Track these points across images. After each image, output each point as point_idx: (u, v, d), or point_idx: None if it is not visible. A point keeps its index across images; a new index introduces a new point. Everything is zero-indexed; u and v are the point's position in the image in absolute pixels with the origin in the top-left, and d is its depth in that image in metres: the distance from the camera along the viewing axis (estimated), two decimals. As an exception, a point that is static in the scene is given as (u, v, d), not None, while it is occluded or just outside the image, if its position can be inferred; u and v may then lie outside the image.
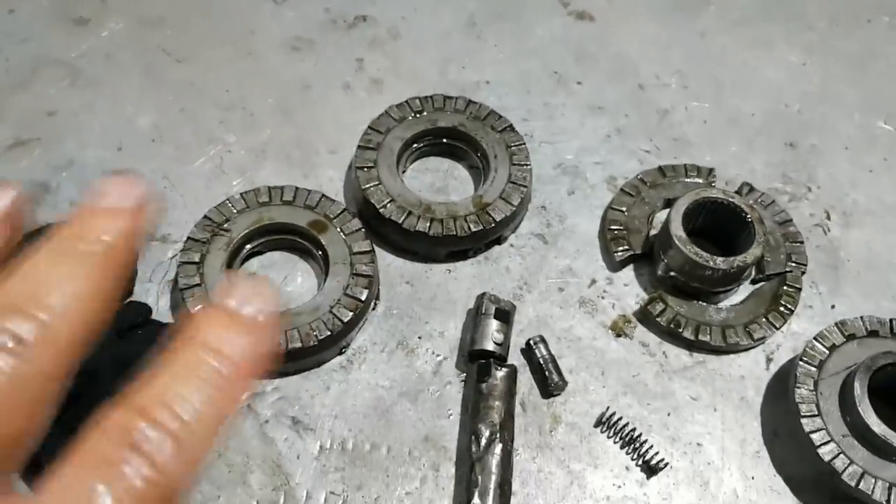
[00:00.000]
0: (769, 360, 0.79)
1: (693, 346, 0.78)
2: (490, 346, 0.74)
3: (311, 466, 0.71)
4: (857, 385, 0.69)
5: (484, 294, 0.77)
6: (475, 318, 0.77)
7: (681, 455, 0.73)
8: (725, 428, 0.75)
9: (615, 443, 0.74)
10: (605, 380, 0.77)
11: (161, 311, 0.77)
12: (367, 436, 0.73)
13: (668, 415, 0.75)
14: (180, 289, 0.74)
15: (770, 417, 0.75)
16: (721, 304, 0.80)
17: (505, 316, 0.76)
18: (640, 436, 0.73)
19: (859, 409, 0.68)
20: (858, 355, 0.73)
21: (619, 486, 0.72)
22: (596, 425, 0.75)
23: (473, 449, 0.70)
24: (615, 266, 0.83)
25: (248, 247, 0.80)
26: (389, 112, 0.87)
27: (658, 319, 0.78)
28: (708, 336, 0.77)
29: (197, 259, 0.75)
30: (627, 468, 0.73)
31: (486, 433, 0.70)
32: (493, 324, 0.75)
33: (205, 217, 0.78)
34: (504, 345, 0.75)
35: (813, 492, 0.71)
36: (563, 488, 0.71)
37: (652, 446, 0.73)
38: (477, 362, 0.75)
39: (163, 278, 0.79)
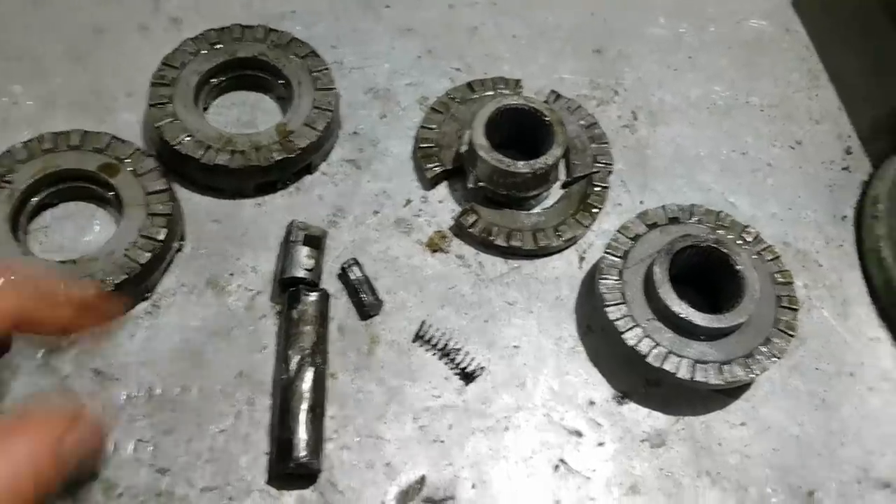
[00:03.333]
0: (582, 258, 0.80)
1: (506, 252, 0.79)
2: (300, 273, 0.73)
3: (116, 417, 0.68)
4: (657, 270, 0.71)
5: (293, 222, 0.75)
6: (284, 246, 0.75)
7: (498, 359, 0.74)
8: (541, 329, 0.76)
9: (433, 355, 0.74)
10: (423, 296, 0.77)
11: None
12: (177, 379, 0.70)
13: (486, 322, 0.76)
14: (-47, 247, 0.68)
15: (583, 313, 0.77)
16: (533, 210, 0.81)
17: (315, 242, 0.74)
18: (456, 345, 0.73)
19: (660, 292, 0.70)
20: (661, 242, 0.74)
21: (438, 397, 0.72)
22: (414, 340, 0.74)
23: (283, 376, 0.68)
24: (428, 184, 0.82)
25: (35, 199, 0.75)
26: (184, 46, 0.83)
27: (471, 231, 0.78)
28: (520, 241, 0.77)
29: (-27, 215, 0.70)
30: (446, 378, 0.73)
31: (296, 359, 0.68)
32: (303, 250, 0.74)
33: (-21, 171, 0.72)
34: (315, 270, 0.73)
35: (626, 378, 0.73)
36: (381, 405, 0.71)
37: (468, 353, 0.73)
38: (288, 290, 0.73)
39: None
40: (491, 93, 0.87)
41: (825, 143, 0.90)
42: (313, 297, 0.71)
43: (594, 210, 0.80)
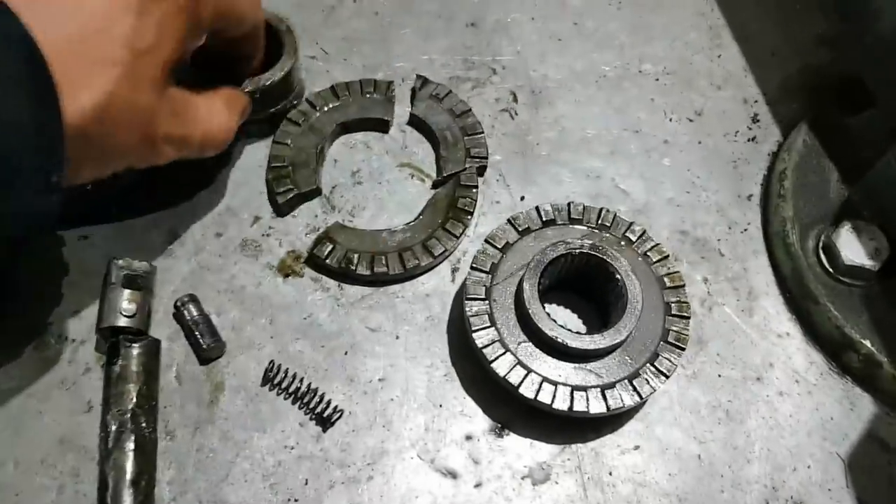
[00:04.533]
0: (455, 270, 0.71)
1: (372, 281, 0.69)
2: (119, 321, 0.63)
3: (-85, 507, 0.59)
4: (526, 286, 0.62)
5: (111, 261, 0.65)
6: (103, 289, 0.65)
7: (360, 397, 0.65)
8: (409, 355, 0.67)
9: (285, 399, 0.65)
10: (274, 328, 0.67)
11: None
12: (-12, 453, 0.61)
13: (346, 354, 0.67)
14: None
15: (457, 333, 0.68)
16: (396, 227, 0.71)
17: (137, 282, 0.65)
18: (309, 385, 0.65)
19: (530, 311, 0.62)
20: (535, 250, 0.65)
21: (292, 448, 0.63)
22: (263, 384, 0.65)
23: (101, 446, 0.59)
24: (281, 209, 0.72)
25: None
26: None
27: (328, 262, 0.68)
28: (385, 266, 0.68)
29: None
30: (302, 424, 0.64)
31: (115, 425, 0.59)
32: (124, 294, 0.64)
33: None
34: (138, 316, 0.64)
35: (505, 406, 0.65)
36: (226, 463, 0.62)
37: (323, 395, 0.64)
38: (108, 341, 0.63)
39: None
40: (360, 97, 0.76)
41: (729, 111, 0.81)
42: (136, 349, 0.62)
43: (465, 217, 0.71)
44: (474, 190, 0.71)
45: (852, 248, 0.68)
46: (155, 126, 0.53)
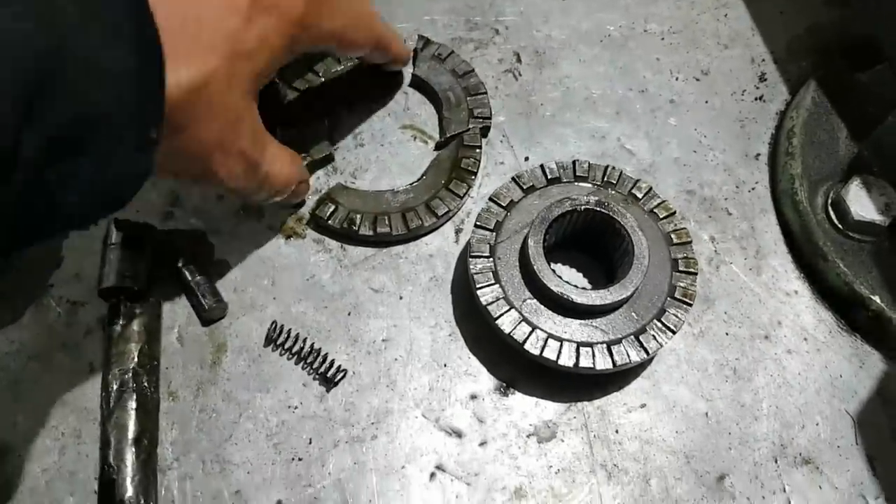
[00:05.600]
0: (458, 231, 0.70)
1: (375, 242, 0.69)
2: (119, 282, 0.62)
3: (-85, 467, 0.58)
4: (531, 243, 0.61)
5: (110, 221, 0.65)
6: (102, 249, 0.64)
7: (364, 357, 0.65)
8: (413, 316, 0.66)
9: (289, 359, 0.64)
10: (276, 290, 0.67)
11: None
12: (-10, 415, 0.61)
13: (349, 315, 0.66)
14: None
15: (461, 294, 0.67)
16: (399, 187, 0.70)
17: (137, 242, 0.64)
18: (313, 346, 0.64)
19: (535, 268, 0.61)
20: (540, 208, 0.64)
21: (296, 408, 0.62)
22: (266, 344, 0.65)
23: (103, 405, 0.59)
24: None
25: None
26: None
27: (330, 223, 0.68)
28: (388, 226, 0.67)
29: None
30: (305, 385, 0.64)
31: (115, 384, 0.59)
32: (123, 254, 0.63)
33: None
34: (138, 276, 0.63)
35: (510, 365, 0.64)
36: (229, 424, 0.62)
37: (327, 355, 0.64)
38: (109, 302, 0.63)
39: None
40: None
41: (736, 70, 0.79)
42: (137, 309, 0.61)
43: (469, 177, 0.70)
44: (478, 150, 0.70)
45: (862, 204, 0.67)
46: (236, 135, 0.52)
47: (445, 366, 0.65)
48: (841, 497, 0.61)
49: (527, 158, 0.73)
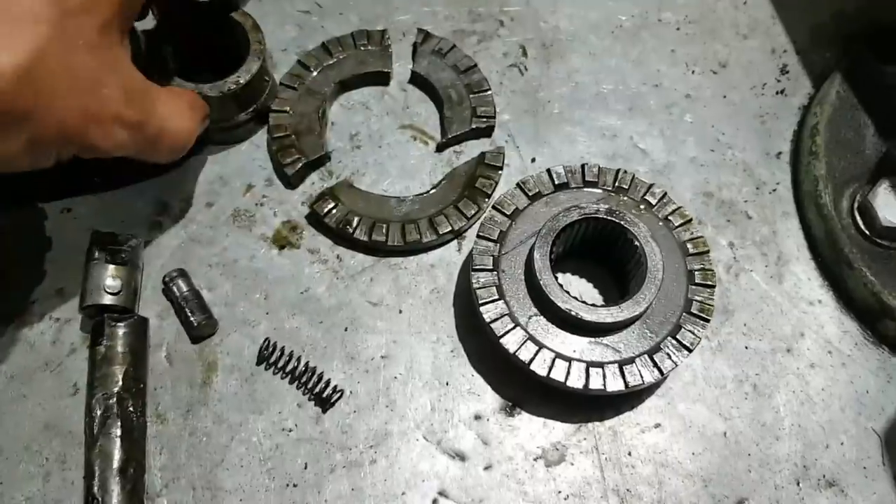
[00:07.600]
0: (461, 239, 0.66)
1: (368, 248, 0.65)
2: (103, 299, 0.59)
3: None
4: (536, 256, 0.58)
5: (93, 234, 0.61)
6: (85, 265, 0.61)
7: (361, 375, 0.61)
8: (413, 331, 0.63)
9: (282, 378, 0.61)
10: (269, 304, 0.63)
11: None
12: (-31, 440, 0.58)
13: (346, 330, 0.63)
14: None
15: (464, 306, 0.64)
16: (406, 195, 0.66)
17: (120, 257, 0.61)
18: (307, 364, 0.61)
19: (541, 282, 0.57)
20: (546, 216, 0.61)
21: (290, 430, 0.59)
22: (258, 363, 0.61)
23: (87, 432, 0.56)
24: (291, 181, 0.67)
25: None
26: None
27: (326, 221, 0.64)
28: (383, 235, 0.63)
29: None
30: (300, 405, 0.60)
31: (100, 409, 0.56)
32: (107, 269, 0.60)
33: None
34: (123, 293, 0.60)
35: (516, 383, 0.61)
36: (221, 447, 0.59)
37: (322, 374, 0.60)
38: (93, 320, 0.60)
39: None
40: (354, 51, 0.71)
41: (756, 62, 0.75)
42: (121, 328, 0.58)
43: (482, 200, 0.65)
44: (498, 172, 0.66)
45: (891, 208, 0.63)
46: (102, 100, 0.48)
47: (448, 384, 0.61)
48: (868, 523, 0.58)
49: (533, 160, 0.69)
